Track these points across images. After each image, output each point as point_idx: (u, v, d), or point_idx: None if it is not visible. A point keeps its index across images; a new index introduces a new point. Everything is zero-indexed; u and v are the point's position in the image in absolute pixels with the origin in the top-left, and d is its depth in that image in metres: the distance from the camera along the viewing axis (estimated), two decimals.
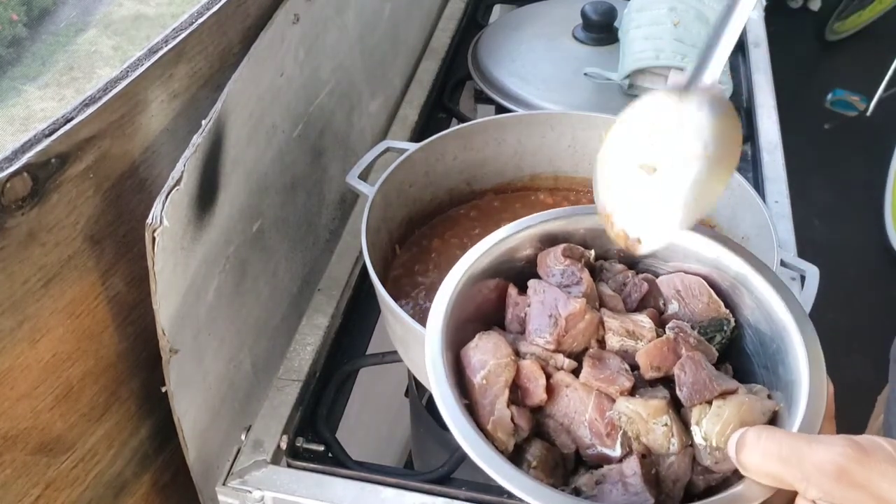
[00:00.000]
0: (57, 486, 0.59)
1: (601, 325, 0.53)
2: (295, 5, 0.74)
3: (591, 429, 0.49)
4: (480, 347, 0.52)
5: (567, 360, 0.52)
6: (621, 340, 0.52)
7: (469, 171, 0.87)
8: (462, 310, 0.53)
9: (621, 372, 0.50)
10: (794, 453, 0.41)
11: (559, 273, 0.55)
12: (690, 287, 0.56)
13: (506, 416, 0.49)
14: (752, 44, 1.24)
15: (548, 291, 0.54)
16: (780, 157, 1.03)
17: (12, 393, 0.53)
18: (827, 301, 0.75)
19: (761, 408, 0.47)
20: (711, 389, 0.48)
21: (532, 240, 0.57)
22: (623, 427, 0.48)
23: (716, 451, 0.47)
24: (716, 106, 0.50)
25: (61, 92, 1.90)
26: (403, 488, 0.71)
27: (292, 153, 0.79)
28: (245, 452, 0.74)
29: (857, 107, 2.66)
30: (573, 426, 0.50)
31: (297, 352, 0.83)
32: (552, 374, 0.51)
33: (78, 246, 0.56)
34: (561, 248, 0.56)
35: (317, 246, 0.90)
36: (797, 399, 0.47)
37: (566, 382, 0.50)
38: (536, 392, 0.50)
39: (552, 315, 0.52)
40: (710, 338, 0.53)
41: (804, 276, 0.73)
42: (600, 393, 0.50)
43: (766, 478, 0.43)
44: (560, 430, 0.50)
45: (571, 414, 0.50)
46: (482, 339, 0.52)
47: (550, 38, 1.14)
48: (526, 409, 0.50)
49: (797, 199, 0.97)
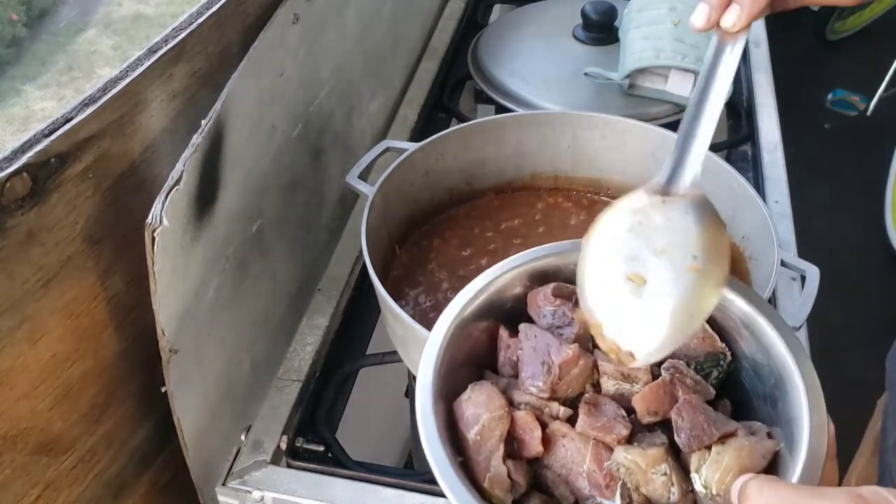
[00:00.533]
0: (56, 486, 0.59)
1: (595, 369, 0.52)
2: (295, 5, 0.74)
3: (590, 480, 0.48)
4: (473, 400, 0.50)
5: (562, 409, 0.51)
6: (616, 384, 0.52)
7: (469, 171, 0.87)
8: (453, 354, 0.52)
9: (618, 419, 0.49)
10: None
11: (550, 314, 0.54)
12: None
13: (502, 472, 0.48)
14: (753, 43, 1.24)
15: (539, 337, 0.52)
16: (780, 156, 1.03)
17: (12, 393, 0.53)
18: (827, 301, 0.75)
19: (761, 450, 0.47)
20: (710, 435, 0.47)
21: (521, 278, 0.56)
22: (622, 478, 0.48)
23: (717, 497, 0.46)
24: (701, 212, 0.49)
25: (61, 92, 1.90)
26: (403, 488, 0.71)
27: (292, 153, 0.79)
28: (245, 452, 0.74)
29: (857, 107, 2.65)
30: (571, 477, 0.49)
31: (296, 352, 0.83)
32: (548, 423, 0.50)
33: (77, 246, 0.56)
34: (551, 287, 0.54)
35: (316, 246, 0.90)
36: (798, 439, 0.46)
37: (562, 432, 0.50)
38: (532, 444, 0.49)
39: (545, 362, 0.51)
40: (707, 373, 0.52)
41: (804, 275, 0.73)
42: (597, 442, 0.49)
43: None
44: (558, 481, 0.50)
45: (569, 465, 0.49)
46: (475, 390, 0.51)
47: (550, 38, 1.13)
48: (523, 462, 0.50)
49: (797, 199, 0.97)
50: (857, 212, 2.29)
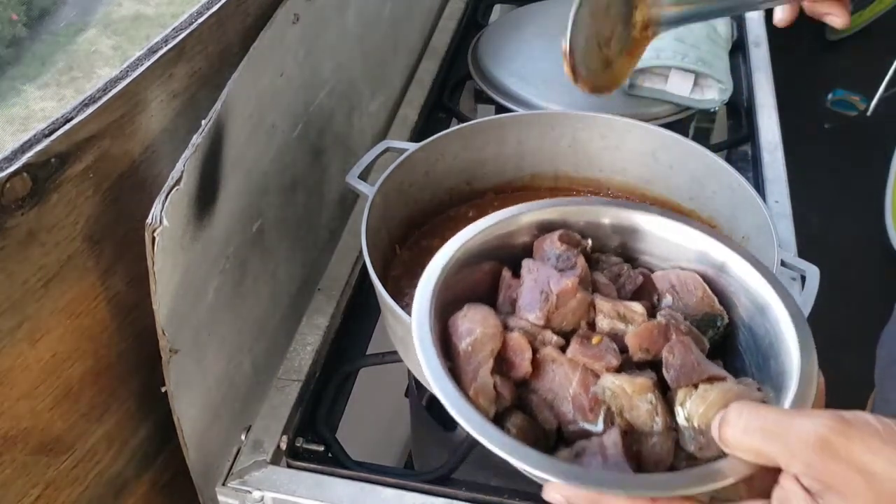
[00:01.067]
0: (57, 486, 0.59)
1: (592, 308, 0.52)
2: (295, 5, 0.74)
3: (575, 403, 0.48)
4: (469, 316, 0.51)
5: (556, 337, 0.51)
6: (612, 323, 0.52)
7: (469, 171, 0.87)
8: (454, 289, 0.52)
9: (609, 350, 0.50)
10: (777, 426, 0.41)
11: (555, 257, 0.54)
12: (685, 282, 0.55)
13: (489, 382, 0.48)
14: (753, 44, 1.24)
15: (541, 270, 0.53)
16: (781, 156, 1.03)
17: (12, 393, 0.53)
18: (827, 301, 0.75)
19: (749, 396, 0.47)
20: (699, 372, 0.48)
21: (530, 227, 0.57)
22: (607, 402, 0.48)
23: (699, 436, 0.46)
24: None
25: (61, 92, 1.90)
26: (403, 488, 0.71)
27: (292, 153, 0.79)
28: (245, 452, 0.74)
29: (857, 107, 2.65)
30: (556, 401, 0.49)
31: (297, 352, 0.83)
32: (539, 349, 0.50)
33: (78, 246, 0.56)
34: (558, 233, 0.55)
35: (317, 246, 0.90)
36: (787, 388, 0.46)
37: (552, 357, 0.50)
38: (522, 365, 0.49)
39: (543, 291, 0.52)
40: (702, 332, 0.53)
41: (804, 275, 0.73)
42: (586, 369, 0.49)
43: (748, 453, 0.42)
44: (543, 405, 0.49)
45: (556, 389, 0.49)
46: (471, 308, 0.51)
47: (550, 38, 1.13)
48: (510, 381, 0.50)
49: (797, 199, 0.97)
50: (856, 212, 2.29)
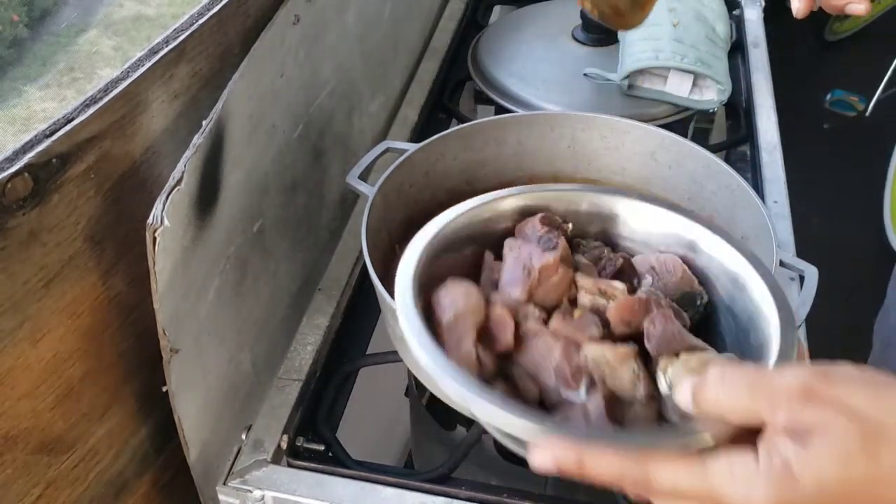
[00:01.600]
0: (58, 486, 0.59)
1: (574, 284, 0.53)
2: (295, 6, 0.74)
3: (557, 373, 0.48)
4: (451, 291, 0.51)
5: (538, 311, 0.51)
6: (593, 299, 0.52)
7: (469, 172, 0.87)
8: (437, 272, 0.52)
9: (591, 322, 0.50)
10: (761, 380, 0.41)
11: (536, 239, 0.55)
12: (665, 263, 0.56)
13: (471, 352, 0.48)
14: (752, 44, 1.24)
15: (523, 247, 0.53)
16: (780, 157, 1.03)
17: (13, 393, 0.53)
18: (826, 301, 0.75)
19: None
20: (680, 341, 0.48)
21: (512, 213, 0.57)
22: (590, 370, 0.48)
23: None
24: None
25: (62, 92, 1.91)
26: (403, 488, 0.72)
27: (292, 153, 0.79)
28: (245, 452, 0.74)
29: (856, 107, 2.66)
30: (539, 372, 0.49)
31: (297, 351, 0.83)
32: (522, 323, 0.50)
33: (79, 246, 0.56)
34: (539, 216, 0.56)
35: (317, 246, 0.91)
36: (768, 357, 0.47)
37: (535, 330, 0.50)
38: (505, 338, 0.49)
39: (526, 267, 0.52)
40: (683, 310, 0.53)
41: (803, 276, 0.73)
42: (569, 340, 0.49)
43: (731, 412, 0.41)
44: (526, 377, 0.49)
45: (538, 360, 0.49)
46: (453, 283, 0.51)
47: (550, 38, 1.14)
48: (492, 353, 0.50)
49: (796, 200, 0.97)
50: (856, 212, 2.29)
